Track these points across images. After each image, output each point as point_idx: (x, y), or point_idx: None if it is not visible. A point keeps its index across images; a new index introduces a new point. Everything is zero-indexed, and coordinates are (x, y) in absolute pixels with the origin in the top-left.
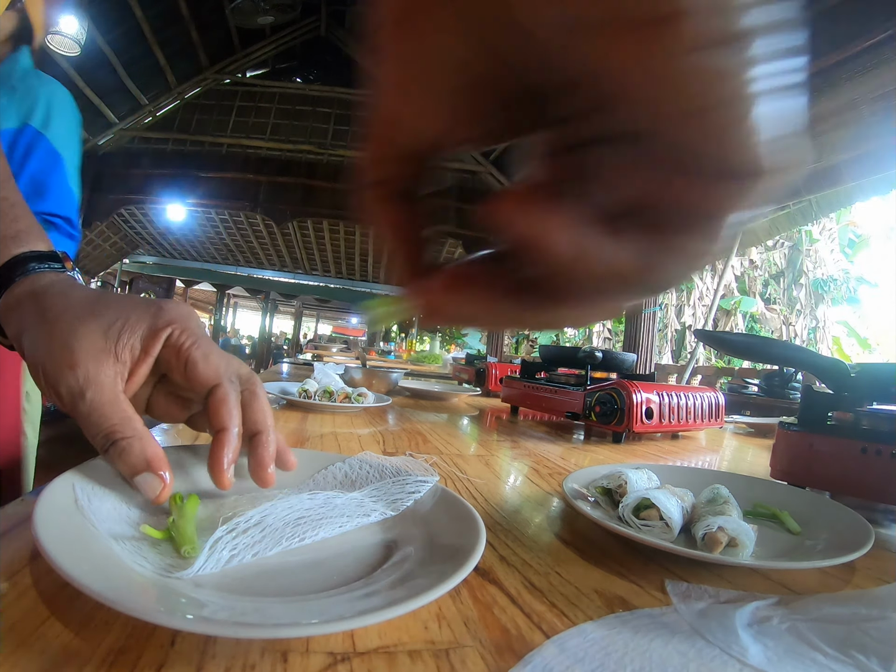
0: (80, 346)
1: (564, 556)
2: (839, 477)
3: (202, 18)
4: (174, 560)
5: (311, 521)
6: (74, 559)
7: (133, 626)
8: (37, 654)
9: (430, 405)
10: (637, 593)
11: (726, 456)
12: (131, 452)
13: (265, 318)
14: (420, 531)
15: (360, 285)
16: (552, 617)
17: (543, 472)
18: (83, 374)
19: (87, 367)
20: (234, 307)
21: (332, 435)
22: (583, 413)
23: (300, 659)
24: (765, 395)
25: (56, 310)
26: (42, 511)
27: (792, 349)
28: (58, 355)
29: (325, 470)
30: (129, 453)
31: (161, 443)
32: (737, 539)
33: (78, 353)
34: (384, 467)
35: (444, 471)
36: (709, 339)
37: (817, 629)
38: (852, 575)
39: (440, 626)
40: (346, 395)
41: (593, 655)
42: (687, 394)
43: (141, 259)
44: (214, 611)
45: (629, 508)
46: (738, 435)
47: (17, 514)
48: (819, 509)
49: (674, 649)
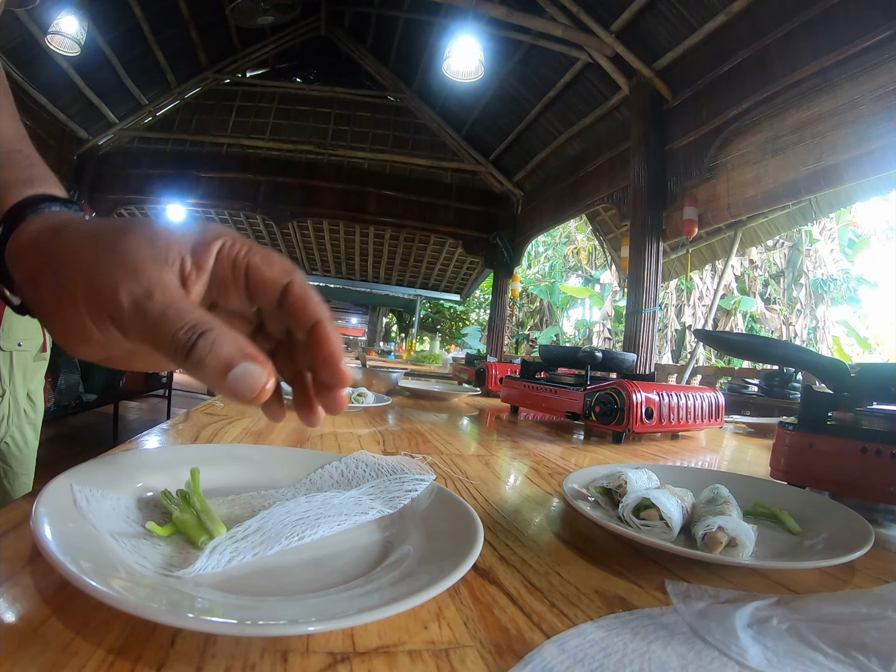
0: (135, 254)
1: (564, 556)
2: (839, 477)
3: (202, 18)
4: (175, 559)
5: (309, 521)
6: (74, 559)
7: (133, 626)
8: (37, 654)
9: (429, 405)
10: (637, 593)
11: (726, 456)
12: (223, 342)
13: None
14: (418, 530)
15: (360, 285)
16: (552, 617)
17: (543, 472)
18: (146, 278)
19: (148, 271)
20: None
21: (332, 435)
22: (583, 413)
23: (300, 659)
24: (765, 395)
25: (89, 232)
26: (42, 511)
27: (792, 349)
28: (109, 266)
29: (321, 469)
30: (222, 343)
31: (161, 443)
32: (737, 539)
33: (136, 261)
34: (380, 466)
35: (444, 471)
36: (709, 339)
37: (817, 629)
38: (852, 575)
39: (440, 626)
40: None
41: (593, 656)
42: (687, 394)
43: None
44: (214, 610)
45: (629, 508)
46: (738, 435)
47: (17, 514)
48: (819, 509)
49: (673, 651)
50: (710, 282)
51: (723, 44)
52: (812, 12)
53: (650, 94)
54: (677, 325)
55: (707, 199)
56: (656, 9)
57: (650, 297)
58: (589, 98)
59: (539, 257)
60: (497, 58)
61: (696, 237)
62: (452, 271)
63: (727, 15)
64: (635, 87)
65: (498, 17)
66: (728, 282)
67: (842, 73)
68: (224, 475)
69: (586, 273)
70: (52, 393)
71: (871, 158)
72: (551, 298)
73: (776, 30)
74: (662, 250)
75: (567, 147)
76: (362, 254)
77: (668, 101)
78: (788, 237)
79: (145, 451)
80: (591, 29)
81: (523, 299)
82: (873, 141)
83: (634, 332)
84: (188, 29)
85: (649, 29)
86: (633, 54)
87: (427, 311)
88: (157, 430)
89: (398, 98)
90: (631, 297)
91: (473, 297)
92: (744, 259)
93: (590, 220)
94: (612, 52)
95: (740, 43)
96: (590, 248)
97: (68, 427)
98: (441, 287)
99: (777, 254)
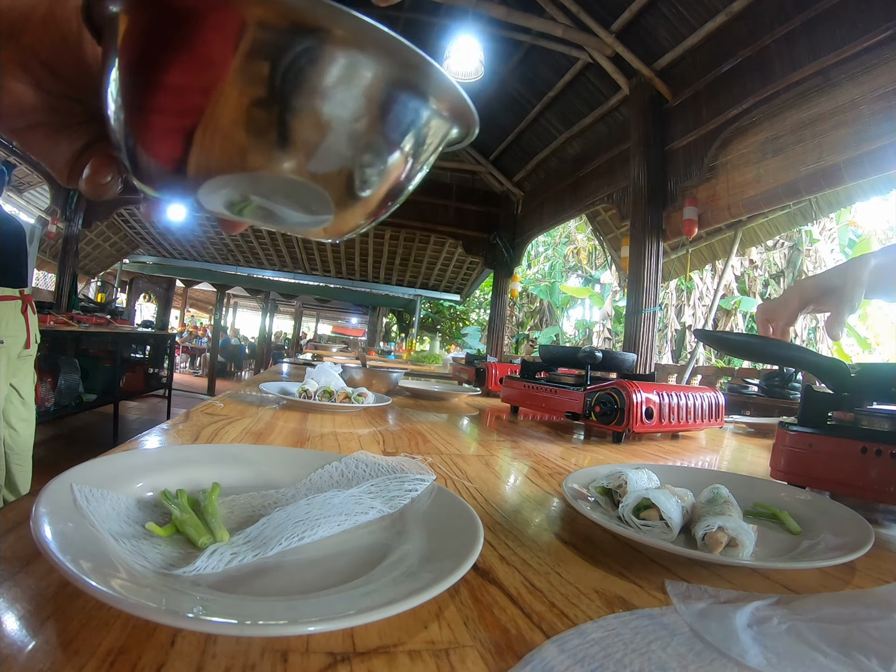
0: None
1: (564, 556)
2: (839, 477)
3: None
4: (175, 559)
5: (309, 521)
6: (74, 559)
7: (133, 626)
8: (37, 654)
9: (429, 405)
10: (637, 593)
11: (726, 456)
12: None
13: (265, 318)
14: (418, 529)
15: (360, 285)
16: (552, 617)
17: (543, 472)
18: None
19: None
20: (234, 307)
21: (332, 435)
22: (583, 413)
23: (300, 659)
24: (765, 395)
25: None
26: (42, 511)
27: (792, 349)
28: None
29: (321, 469)
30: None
31: (161, 443)
32: (737, 539)
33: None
34: (380, 465)
35: (444, 471)
36: (708, 339)
37: (817, 629)
38: (852, 575)
39: (440, 626)
40: (346, 395)
41: (593, 656)
42: (687, 394)
43: (141, 259)
44: (214, 610)
45: (629, 508)
46: (738, 435)
47: (17, 514)
48: (819, 509)
49: (673, 651)
50: (710, 282)
51: (723, 44)
52: (812, 12)
53: (650, 94)
54: (677, 325)
55: (707, 199)
56: (656, 9)
57: (650, 297)
58: (589, 98)
59: (539, 257)
60: (497, 58)
61: (696, 237)
62: (452, 271)
63: (727, 15)
64: (635, 87)
65: (498, 17)
66: (728, 282)
67: (842, 73)
68: (224, 475)
69: (586, 273)
70: (52, 393)
71: (871, 158)
72: (551, 298)
73: (776, 30)
74: (662, 250)
75: (567, 147)
76: (362, 254)
77: (668, 101)
78: (788, 237)
79: (145, 451)
80: (591, 29)
81: (523, 299)
82: (873, 141)
83: (634, 332)
84: None
85: (649, 29)
86: (633, 54)
87: (427, 311)
88: (157, 430)
89: None
90: (631, 297)
91: (473, 297)
92: (744, 259)
93: (590, 220)
94: (612, 52)
95: (740, 43)
96: (590, 248)
97: (68, 427)
98: (441, 287)
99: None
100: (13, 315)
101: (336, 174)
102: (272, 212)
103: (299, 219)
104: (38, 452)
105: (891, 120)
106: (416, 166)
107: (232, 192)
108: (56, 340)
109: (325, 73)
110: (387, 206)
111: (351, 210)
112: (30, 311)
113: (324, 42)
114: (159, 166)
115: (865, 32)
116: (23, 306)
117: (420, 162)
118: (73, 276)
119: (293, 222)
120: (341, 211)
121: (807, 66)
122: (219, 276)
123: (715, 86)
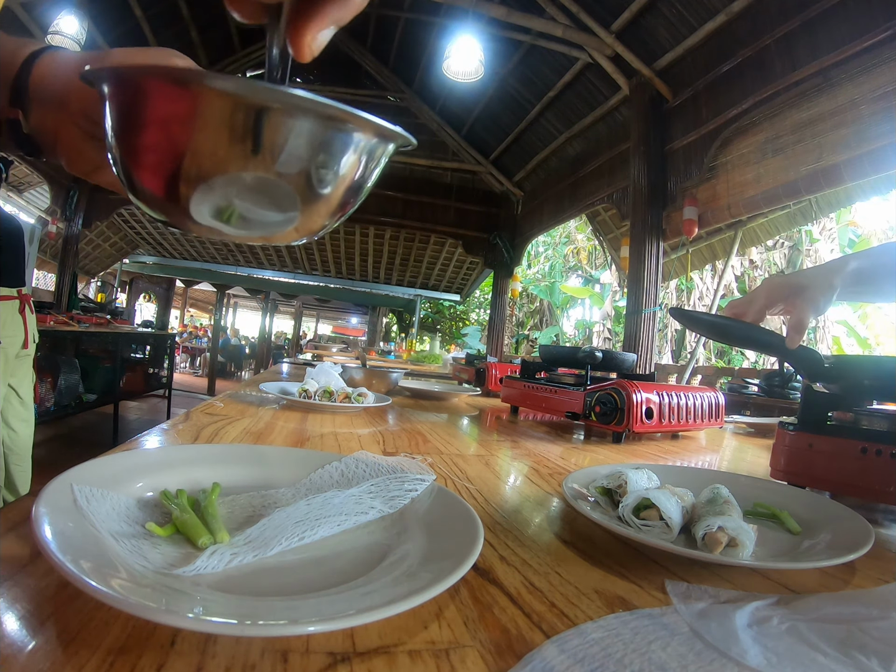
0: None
1: (564, 556)
2: (839, 477)
3: (202, 18)
4: (174, 559)
5: (309, 522)
6: (74, 559)
7: (133, 626)
8: (37, 654)
9: (429, 405)
10: (637, 593)
11: (726, 456)
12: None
13: (265, 318)
14: (418, 529)
15: (360, 285)
16: (552, 617)
17: (543, 472)
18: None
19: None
20: (234, 307)
21: (332, 435)
22: (583, 413)
23: (300, 659)
24: (765, 395)
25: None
26: (42, 511)
27: (767, 334)
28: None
29: (321, 469)
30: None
31: (161, 443)
32: (737, 539)
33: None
34: (380, 465)
35: (444, 471)
36: (682, 318)
37: (817, 629)
38: (852, 575)
39: (440, 626)
40: (346, 395)
41: (593, 656)
42: (687, 394)
43: (141, 259)
44: (214, 610)
45: (629, 508)
46: (738, 435)
47: (17, 514)
48: (819, 509)
49: (673, 651)
50: (710, 282)
51: (723, 44)
52: (812, 12)
53: (650, 94)
54: (677, 326)
55: (707, 199)
56: (656, 9)
57: (650, 297)
58: (589, 98)
59: (539, 257)
60: (497, 58)
61: (696, 237)
62: (452, 271)
63: (727, 15)
64: (635, 87)
65: (498, 17)
66: (728, 282)
67: (842, 73)
68: (224, 475)
69: (586, 273)
70: (52, 393)
71: (871, 158)
72: (551, 298)
73: (776, 30)
74: (662, 250)
75: (567, 147)
76: (362, 254)
77: (668, 101)
78: (788, 237)
79: (145, 451)
80: (591, 29)
81: (523, 299)
82: (873, 141)
83: (634, 332)
84: (188, 28)
85: (649, 29)
86: (633, 54)
87: (427, 311)
88: (157, 430)
89: (398, 98)
90: (631, 297)
91: (473, 297)
92: (744, 259)
93: (590, 220)
94: (612, 52)
95: (740, 43)
96: (590, 248)
97: (68, 427)
98: (441, 287)
99: (777, 254)
100: (10, 315)
101: (296, 176)
102: (251, 217)
103: (273, 217)
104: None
105: (891, 120)
106: (366, 172)
107: (216, 197)
108: (56, 340)
109: (270, 129)
110: (349, 203)
111: (315, 207)
112: (28, 310)
113: (265, 112)
114: (152, 192)
115: (865, 32)
116: (20, 306)
117: (369, 168)
118: (73, 276)
119: (269, 221)
120: (307, 207)
121: (807, 66)
122: (219, 276)
123: (715, 86)
